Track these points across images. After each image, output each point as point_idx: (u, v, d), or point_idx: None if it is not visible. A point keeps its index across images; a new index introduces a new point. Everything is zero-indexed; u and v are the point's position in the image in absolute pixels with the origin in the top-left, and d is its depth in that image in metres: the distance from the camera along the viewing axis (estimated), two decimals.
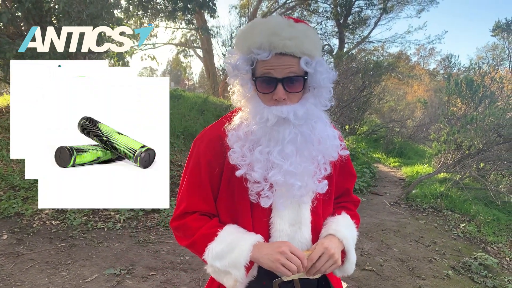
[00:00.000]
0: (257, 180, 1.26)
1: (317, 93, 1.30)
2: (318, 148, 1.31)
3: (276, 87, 1.22)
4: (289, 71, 1.22)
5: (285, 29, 1.20)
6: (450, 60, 26.38)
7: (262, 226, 1.34)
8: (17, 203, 5.10)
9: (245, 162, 1.27)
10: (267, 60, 1.21)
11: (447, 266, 4.77)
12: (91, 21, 6.21)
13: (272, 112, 1.23)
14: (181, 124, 8.84)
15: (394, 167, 12.52)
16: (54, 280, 3.58)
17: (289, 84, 1.23)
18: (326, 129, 1.34)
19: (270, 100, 1.26)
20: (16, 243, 4.26)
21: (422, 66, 34.72)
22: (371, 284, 4.08)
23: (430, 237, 5.82)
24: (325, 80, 1.28)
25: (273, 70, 1.22)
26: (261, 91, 1.26)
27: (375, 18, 22.32)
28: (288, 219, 1.33)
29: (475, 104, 8.92)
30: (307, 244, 1.36)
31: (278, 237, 1.32)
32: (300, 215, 1.35)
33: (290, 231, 1.33)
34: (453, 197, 7.82)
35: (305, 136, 1.27)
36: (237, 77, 1.29)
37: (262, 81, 1.24)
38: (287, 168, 1.24)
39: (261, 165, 1.26)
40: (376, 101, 14.94)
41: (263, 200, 1.27)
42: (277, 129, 1.25)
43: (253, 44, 1.22)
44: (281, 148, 1.25)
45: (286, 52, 1.20)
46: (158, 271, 3.95)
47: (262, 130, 1.26)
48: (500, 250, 5.85)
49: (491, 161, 8.47)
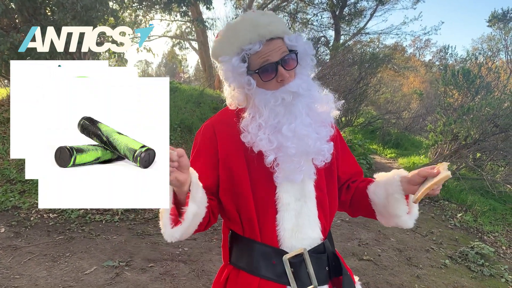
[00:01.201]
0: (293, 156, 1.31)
1: (304, 63, 1.40)
2: (325, 112, 1.41)
3: (277, 70, 1.32)
4: (281, 52, 1.33)
5: (262, 18, 1.33)
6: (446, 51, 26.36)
7: (266, 203, 1.37)
8: (14, 197, 5.07)
9: (272, 147, 1.32)
10: (259, 50, 1.32)
11: (444, 256, 4.81)
12: (86, 13, 6.14)
13: (286, 90, 1.32)
14: (178, 117, 8.81)
15: (390, 158, 12.55)
16: (53, 273, 3.58)
17: (286, 63, 1.33)
18: (325, 96, 1.44)
19: (275, 84, 1.34)
20: (14, 237, 4.25)
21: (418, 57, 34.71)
22: (369, 274, 4.10)
23: (427, 227, 5.85)
24: (308, 49, 1.39)
25: (269, 56, 1.32)
26: (266, 80, 1.33)
27: (371, 9, 22.22)
28: (293, 194, 1.37)
29: (472, 94, 8.93)
30: (314, 218, 1.40)
31: (285, 210, 1.35)
32: (305, 190, 1.39)
33: (296, 206, 1.37)
34: (449, 187, 7.86)
35: (313, 105, 1.38)
36: (236, 78, 1.36)
37: (264, 70, 1.32)
38: (315, 135, 1.34)
39: (292, 140, 1.31)
40: (372, 93, 14.92)
41: (296, 176, 1.33)
42: (294, 104, 1.33)
43: (243, 42, 1.33)
44: (301, 120, 1.33)
45: (273, 36, 1.33)
46: (157, 262, 3.95)
47: (283, 110, 1.33)
48: (496, 239, 5.89)
49: (487, 151, 8.50)
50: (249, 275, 1.36)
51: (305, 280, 1.34)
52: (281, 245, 1.35)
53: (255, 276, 1.35)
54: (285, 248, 1.35)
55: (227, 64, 1.36)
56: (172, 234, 1.22)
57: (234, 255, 1.44)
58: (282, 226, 1.36)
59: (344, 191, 1.58)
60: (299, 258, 1.34)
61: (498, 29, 27.66)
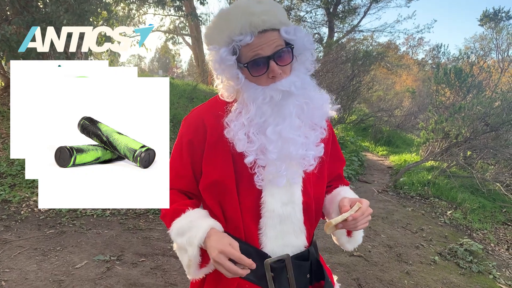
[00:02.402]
0: (272, 161, 1.25)
1: (303, 58, 1.31)
2: (318, 114, 1.33)
3: (269, 65, 1.22)
4: (275, 46, 1.22)
5: (257, 6, 1.20)
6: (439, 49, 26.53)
7: (251, 208, 1.31)
8: (4, 190, 5.04)
9: (253, 148, 1.24)
10: (251, 42, 1.20)
11: (433, 252, 4.85)
12: (79, 6, 6.09)
13: (275, 88, 1.23)
14: (171, 112, 8.76)
15: (382, 155, 12.63)
16: (43, 267, 3.57)
17: (279, 58, 1.22)
18: (321, 95, 1.36)
19: (266, 80, 1.24)
20: (4, 230, 4.22)
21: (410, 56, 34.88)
22: (360, 270, 4.13)
23: (417, 224, 5.90)
24: (307, 42, 1.28)
25: (261, 50, 1.21)
26: (255, 75, 1.24)
27: (365, 7, 22.29)
28: (280, 198, 1.31)
29: (463, 93, 9.00)
30: (299, 225, 1.35)
31: (269, 217, 1.30)
32: (292, 194, 1.33)
33: (282, 211, 1.31)
34: (440, 185, 7.92)
35: (306, 105, 1.29)
36: (224, 71, 1.27)
37: (253, 64, 1.22)
38: (302, 140, 1.27)
39: (275, 144, 1.24)
40: (365, 90, 14.97)
41: (279, 180, 1.27)
42: (284, 104, 1.25)
43: (233, 31, 1.21)
44: (290, 122, 1.25)
45: (267, 27, 1.21)
46: (148, 257, 3.95)
47: (269, 109, 1.25)
48: (485, 237, 5.96)
49: (478, 150, 8.58)
50: None
51: (285, 286, 1.31)
52: (263, 249, 1.31)
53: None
54: (267, 252, 1.31)
55: (216, 55, 1.26)
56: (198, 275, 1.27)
57: None
58: (264, 232, 1.31)
59: None
60: (281, 264, 1.30)
61: (490, 28, 27.84)
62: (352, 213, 1.26)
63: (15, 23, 5.96)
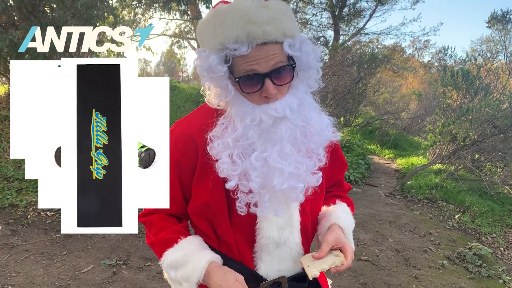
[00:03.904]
0: (254, 190, 1.12)
1: (306, 75, 1.16)
2: (316, 140, 1.19)
3: (263, 84, 1.05)
4: (275, 62, 1.05)
5: (260, 12, 1.02)
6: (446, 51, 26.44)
7: (244, 232, 1.23)
8: (11, 194, 5.05)
9: (236, 172, 1.11)
10: (246, 54, 1.03)
11: (442, 256, 4.80)
12: (86, 11, 6.12)
13: (267, 112, 1.08)
14: (176, 116, 8.80)
15: (389, 158, 12.55)
16: (50, 271, 3.56)
17: (277, 77, 1.06)
18: (321, 118, 1.22)
19: (259, 98, 1.10)
20: (11, 234, 4.23)
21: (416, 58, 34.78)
22: (367, 274, 4.09)
23: (425, 227, 5.85)
24: (313, 60, 1.12)
25: (257, 65, 1.04)
26: (246, 92, 1.08)
27: (370, 9, 22.25)
28: (276, 223, 1.21)
29: (471, 95, 8.93)
30: (297, 249, 1.27)
31: (264, 243, 1.21)
32: (290, 218, 1.24)
33: (279, 237, 1.21)
34: (448, 188, 7.85)
35: (302, 129, 1.15)
36: (212, 80, 1.11)
37: (246, 79, 1.06)
38: (290, 170, 1.12)
39: (258, 172, 1.11)
40: (371, 93, 14.94)
41: (260, 210, 1.15)
42: (274, 130, 1.10)
43: (227, 38, 1.03)
44: (280, 148, 1.11)
45: (267, 40, 1.03)
46: (154, 261, 3.93)
47: (256, 134, 1.11)
48: (494, 240, 5.89)
49: (486, 153, 8.50)
50: None
51: None
52: (258, 271, 1.24)
53: None
54: (262, 275, 1.24)
55: (204, 61, 1.09)
56: None
57: None
58: (259, 256, 1.24)
59: None
60: (277, 286, 1.23)
61: (498, 30, 27.69)
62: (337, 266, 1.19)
63: (22, 28, 5.99)
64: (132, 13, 12.99)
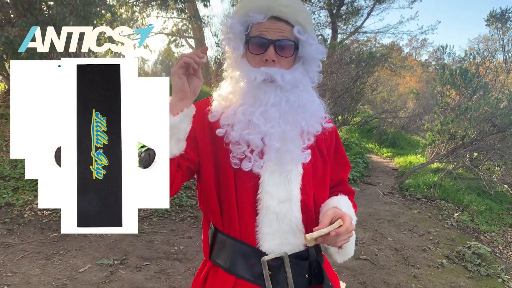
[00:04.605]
0: (235, 140, 1.25)
1: (307, 64, 1.32)
2: (303, 116, 1.30)
3: (267, 49, 1.24)
4: (281, 35, 1.25)
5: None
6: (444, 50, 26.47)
7: (247, 204, 1.29)
8: (8, 193, 5.01)
9: (227, 122, 1.27)
10: (262, 22, 1.25)
11: (441, 255, 4.79)
12: (83, 8, 6.07)
13: (260, 71, 1.24)
14: None
15: (387, 157, 12.56)
16: (46, 271, 3.53)
17: (280, 48, 1.25)
18: (312, 98, 1.35)
19: (260, 61, 1.27)
20: (7, 234, 4.19)
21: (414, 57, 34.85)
22: (366, 273, 4.07)
23: (424, 226, 5.84)
24: (316, 51, 1.30)
25: (267, 32, 1.25)
26: (252, 52, 1.27)
27: (368, 8, 22.18)
28: (277, 196, 1.28)
29: (469, 94, 8.93)
30: (297, 223, 1.31)
31: (265, 214, 1.27)
32: (290, 192, 1.30)
33: (279, 209, 1.28)
34: (446, 187, 7.86)
35: (291, 102, 1.27)
36: (230, 40, 1.31)
37: (254, 41, 1.26)
38: (267, 129, 1.23)
39: (242, 125, 1.24)
40: (369, 92, 14.93)
41: (244, 163, 1.24)
42: (264, 89, 1.25)
43: (251, 8, 1.26)
44: (264, 109, 1.24)
45: (281, 16, 1.24)
46: (152, 261, 3.91)
47: (248, 89, 1.26)
48: (493, 239, 5.89)
49: (484, 151, 8.51)
50: (226, 274, 1.30)
51: (283, 285, 1.28)
52: (260, 247, 1.29)
53: (231, 275, 1.29)
54: (264, 250, 1.28)
55: (228, 23, 1.31)
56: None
57: (214, 251, 1.38)
58: (261, 230, 1.29)
59: None
60: (278, 262, 1.27)
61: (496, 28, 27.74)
62: (336, 228, 1.22)
63: (19, 26, 5.94)
64: (130, 11, 12.92)
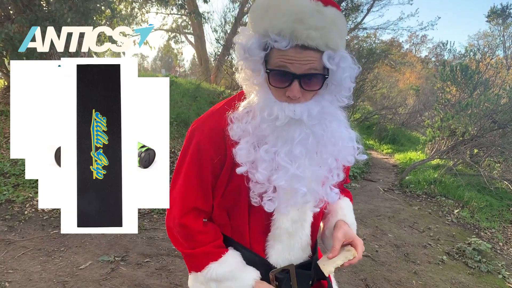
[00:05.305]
0: (260, 182, 1.14)
1: (335, 90, 1.15)
2: (331, 151, 1.19)
3: (291, 84, 1.06)
4: (309, 67, 1.05)
5: (313, 16, 1.01)
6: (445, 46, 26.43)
7: (260, 222, 1.28)
8: (8, 190, 5.01)
9: (249, 159, 1.14)
10: (285, 50, 1.03)
11: (441, 252, 4.80)
12: (83, 4, 6.04)
13: (284, 111, 1.08)
14: (174, 111, 8.74)
15: (387, 153, 12.57)
16: (47, 268, 3.53)
17: (307, 82, 1.07)
18: (340, 129, 1.22)
19: (282, 95, 1.10)
20: (8, 230, 4.19)
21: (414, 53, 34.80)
22: (367, 270, 4.08)
23: (424, 223, 5.84)
24: (347, 79, 1.13)
25: (291, 64, 1.05)
26: (273, 85, 1.09)
27: (368, 4, 22.12)
28: (291, 217, 1.27)
29: (470, 90, 8.91)
30: (307, 240, 1.34)
31: (277, 232, 1.27)
32: (304, 213, 1.30)
33: (292, 229, 1.28)
34: (446, 183, 7.86)
35: (317, 136, 1.14)
36: (247, 61, 1.12)
37: (276, 74, 1.07)
38: (294, 171, 1.12)
39: (266, 165, 1.13)
40: (369, 88, 14.93)
41: (267, 203, 1.17)
42: (287, 129, 1.12)
43: (272, 28, 1.03)
44: (290, 148, 1.12)
45: (309, 44, 1.02)
46: (152, 257, 3.91)
47: (269, 128, 1.12)
48: (493, 236, 5.90)
49: (485, 147, 8.51)
50: None
51: None
52: (268, 259, 1.31)
53: None
54: (272, 262, 1.30)
55: (245, 40, 1.11)
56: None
57: None
58: (271, 245, 1.30)
59: None
60: (285, 274, 1.28)
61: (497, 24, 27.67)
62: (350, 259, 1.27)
63: (18, 22, 5.91)
64: (129, 7, 12.88)
